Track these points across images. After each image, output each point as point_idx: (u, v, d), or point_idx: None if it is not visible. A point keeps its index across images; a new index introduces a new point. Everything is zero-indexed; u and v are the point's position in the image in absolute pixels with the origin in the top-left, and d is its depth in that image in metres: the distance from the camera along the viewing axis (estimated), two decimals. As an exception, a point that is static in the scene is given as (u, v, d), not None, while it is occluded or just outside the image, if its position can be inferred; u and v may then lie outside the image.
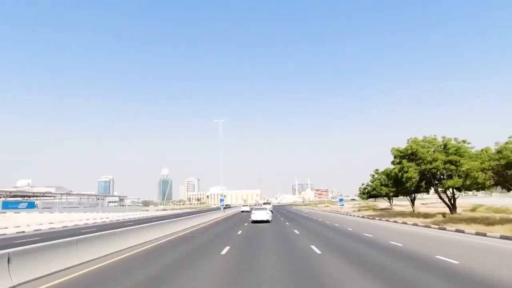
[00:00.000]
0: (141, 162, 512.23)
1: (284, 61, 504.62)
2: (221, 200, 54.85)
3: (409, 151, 29.19)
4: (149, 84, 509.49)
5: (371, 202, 74.40)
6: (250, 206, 75.38)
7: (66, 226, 32.28)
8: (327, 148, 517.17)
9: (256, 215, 30.85)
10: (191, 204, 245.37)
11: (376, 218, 32.45)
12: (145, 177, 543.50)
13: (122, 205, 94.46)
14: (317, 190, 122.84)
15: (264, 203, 66.57)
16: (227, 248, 13.82)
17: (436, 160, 27.20)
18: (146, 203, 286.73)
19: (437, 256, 10.66)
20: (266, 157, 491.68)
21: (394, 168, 30.66)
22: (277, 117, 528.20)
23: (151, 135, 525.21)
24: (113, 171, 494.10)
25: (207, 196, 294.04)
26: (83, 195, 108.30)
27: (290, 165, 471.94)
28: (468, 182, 23.26)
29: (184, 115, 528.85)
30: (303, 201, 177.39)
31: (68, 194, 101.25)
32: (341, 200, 50.76)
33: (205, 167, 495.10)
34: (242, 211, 62.06)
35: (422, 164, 27.96)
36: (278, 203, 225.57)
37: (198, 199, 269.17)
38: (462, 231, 18.20)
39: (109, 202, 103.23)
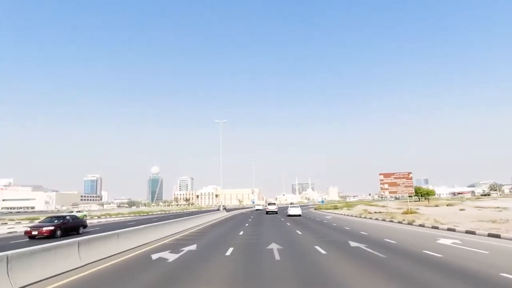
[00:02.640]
0: (132, 160, 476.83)
1: (285, 57, 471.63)
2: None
3: None
4: (141, 77, 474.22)
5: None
6: (263, 206, 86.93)
7: None
8: (327, 147, 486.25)
9: (291, 211, 41.53)
10: (178, 205, 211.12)
11: None
12: (136, 175, 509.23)
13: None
14: (386, 175, 35.59)
15: (269, 204, 62.92)
16: None
17: None
18: (132, 204, 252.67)
19: None
20: (265, 156, 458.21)
21: None
22: (275, 115, 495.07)
23: (143, 131, 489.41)
24: (102, 169, 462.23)
25: (197, 196, 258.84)
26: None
27: (289, 164, 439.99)
28: None
29: (179, 110, 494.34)
30: (322, 201, 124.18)
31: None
32: None
33: (199, 165, 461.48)
34: (256, 210, 75.62)
35: None
36: (288, 202, 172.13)
37: (187, 199, 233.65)
38: None
39: None
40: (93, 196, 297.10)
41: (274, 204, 62.01)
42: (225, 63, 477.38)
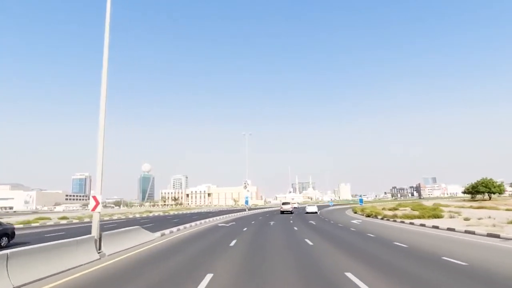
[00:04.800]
0: (127, 158, 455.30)
1: (287, 56, 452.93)
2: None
3: None
4: (138, 76, 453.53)
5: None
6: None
7: None
8: (327, 146, 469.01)
9: (309, 209, 51.71)
10: (165, 205, 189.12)
11: None
12: (130, 174, 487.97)
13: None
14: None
15: (284, 203, 60.22)
16: None
17: None
18: (119, 203, 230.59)
19: None
20: (264, 155, 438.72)
21: None
22: (274, 114, 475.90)
23: (140, 129, 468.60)
24: (91, 168, 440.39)
25: (187, 195, 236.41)
26: None
27: (288, 163, 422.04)
28: None
29: (178, 109, 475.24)
30: (361, 200, 70.27)
31: None
32: None
33: (195, 163, 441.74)
34: (281, 212, 61.11)
35: None
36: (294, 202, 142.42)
37: (175, 199, 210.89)
38: None
39: None
40: (80, 196, 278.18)
41: (289, 203, 61.36)
42: (224, 62, 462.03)
